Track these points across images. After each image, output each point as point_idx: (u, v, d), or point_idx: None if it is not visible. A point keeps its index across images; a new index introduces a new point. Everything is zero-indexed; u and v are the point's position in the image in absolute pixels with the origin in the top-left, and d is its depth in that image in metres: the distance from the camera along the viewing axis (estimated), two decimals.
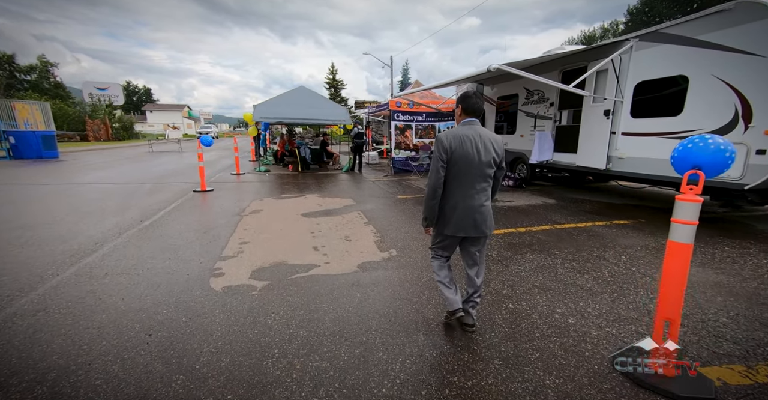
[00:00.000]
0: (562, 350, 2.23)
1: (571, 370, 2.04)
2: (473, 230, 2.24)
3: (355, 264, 3.70)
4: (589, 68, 6.05)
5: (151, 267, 3.55)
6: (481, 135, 2.19)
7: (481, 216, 2.23)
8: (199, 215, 5.78)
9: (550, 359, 2.14)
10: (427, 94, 12.84)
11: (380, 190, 8.45)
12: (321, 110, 11.78)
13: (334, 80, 50.72)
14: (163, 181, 9.20)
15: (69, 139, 29.34)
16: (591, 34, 42.85)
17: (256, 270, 3.52)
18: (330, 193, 7.88)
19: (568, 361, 2.12)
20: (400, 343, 2.31)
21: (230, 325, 2.51)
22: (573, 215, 5.64)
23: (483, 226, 2.24)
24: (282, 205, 6.64)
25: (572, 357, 2.16)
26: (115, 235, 4.60)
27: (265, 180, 9.90)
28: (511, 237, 4.59)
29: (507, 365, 2.09)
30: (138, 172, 11.28)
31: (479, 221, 2.23)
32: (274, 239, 4.52)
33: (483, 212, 2.23)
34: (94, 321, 2.53)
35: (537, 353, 2.19)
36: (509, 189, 8.19)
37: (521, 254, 3.97)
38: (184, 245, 4.25)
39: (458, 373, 2.02)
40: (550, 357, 2.16)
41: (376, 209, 6.30)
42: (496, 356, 2.18)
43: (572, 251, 4.01)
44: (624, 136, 5.57)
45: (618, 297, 2.92)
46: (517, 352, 2.21)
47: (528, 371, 2.03)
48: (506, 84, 8.87)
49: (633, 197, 7.15)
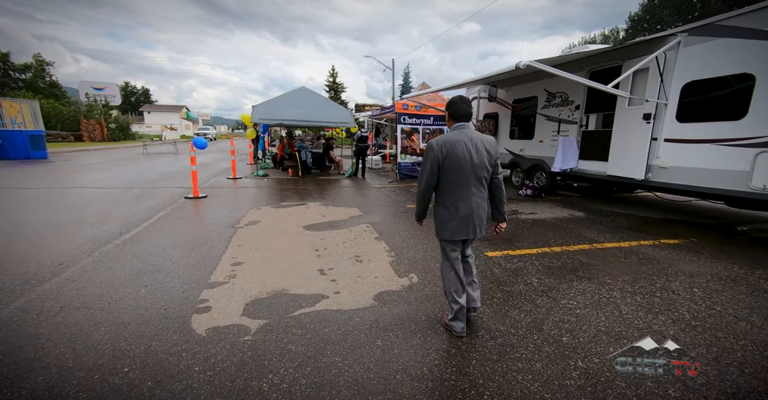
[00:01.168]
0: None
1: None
2: (472, 232, 2.33)
3: (371, 294, 3.06)
4: (624, 68, 5.47)
5: (121, 298, 2.89)
6: (473, 138, 2.21)
7: (480, 218, 2.32)
8: (188, 227, 5.12)
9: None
10: (435, 96, 12.27)
11: (387, 198, 7.82)
12: (323, 112, 11.17)
13: (334, 83, 50.24)
14: (153, 186, 8.53)
15: (63, 139, 28.62)
16: (591, 39, 42.60)
17: (251, 303, 2.87)
18: (334, 202, 7.23)
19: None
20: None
21: (211, 394, 1.85)
22: (610, 232, 5.01)
23: (480, 228, 2.34)
24: (282, 215, 5.99)
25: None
26: (87, 252, 3.93)
27: (263, 185, 9.25)
28: (547, 259, 3.95)
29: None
30: (128, 175, 10.60)
31: (477, 224, 2.32)
32: (272, 259, 3.87)
33: (480, 214, 2.31)
34: (24, 388, 1.87)
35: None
36: (528, 199, 7.57)
37: (567, 282, 3.33)
38: (166, 266, 3.59)
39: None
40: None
41: (386, 221, 5.66)
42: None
43: (628, 280, 3.37)
44: (668, 143, 4.97)
45: (720, 353, 2.25)
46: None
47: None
48: (523, 86, 8.29)
49: (670, 211, 6.48)
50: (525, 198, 7.68)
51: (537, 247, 4.39)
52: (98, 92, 40.96)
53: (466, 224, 2.28)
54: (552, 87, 7.30)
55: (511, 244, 4.54)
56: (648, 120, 5.12)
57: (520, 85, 8.37)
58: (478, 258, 4.00)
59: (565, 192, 8.39)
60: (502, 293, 3.09)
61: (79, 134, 30.59)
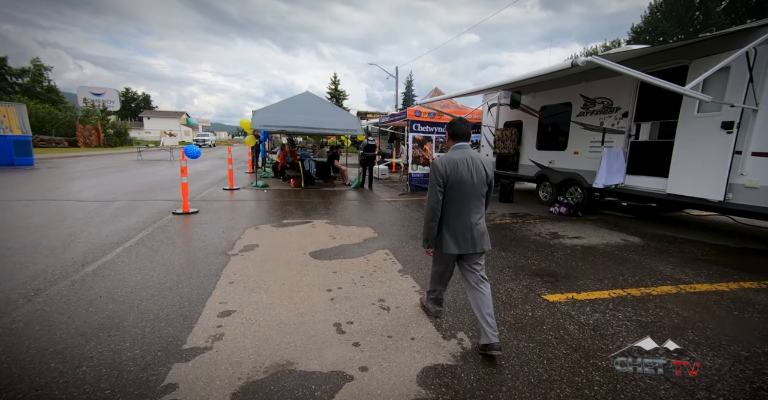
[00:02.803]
0: None
1: None
2: (472, 246, 2.36)
3: (412, 372, 2.14)
4: (692, 68, 4.63)
5: (45, 385, 1.95)
6: (473, 158, 2.33)
7: (479, 233, 2.37)
8: (170, 254, 4.20)
9: None
10: (449, 103, 11.47)
11: (401, 214, 6.92)
12: (329, 118, 10.32)
13: (336, 90, 49.78)
14: (139, 198, 7.63)
15: (57, 144, 27.78)
16: (593, 50, 42.27)
17: (240, 392, 1.94)
18: (342, 219, 6.33)
19: None
20: None
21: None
22: (688, 266, 4.10)
23: (481, 241, 2.38)
24: (284, 237, 5.08)
25: None
26: (27, 295, 3.01)
27: (262, 198, 8.35)
28: (630, 308, 3.04)
29: None
30: (114, 184, 9.70)
31: (476, 237, 2.36)
32: (273, 306, 2.95)
33: (480, 229, 2.38)
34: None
35: None
36: (563, 218, 6.67)
37: (679, 354, 2.40)
38: (129, 319, 2.66)
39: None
40: None
41: (406, 246, 4.76)
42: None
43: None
44: (757, 158, 4.10)
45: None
46: None
47: None
48: (554, 91, 7.47)
49: (741, 237, 5.47)
50: (559, 217, 6.78)
51: (607, 288, 3.47)
52: (97, 98, 40.27)
53: (465, 237, 2.35)
54: (591, 92, 6.47)
55: (570, 281, 3.63)
56: (729, 129, 4.26)
57: (550, 90, 7.55)
58: (534, 303, 3.09)
59: (608, 211, 7.46)
60: (599, 374, 2.16)
61: (74, 140, 29.77)
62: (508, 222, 6.36)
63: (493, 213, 7.07)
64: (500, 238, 5.27)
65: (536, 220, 6.54)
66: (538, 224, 6.23)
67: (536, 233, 5.59)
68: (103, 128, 33.09)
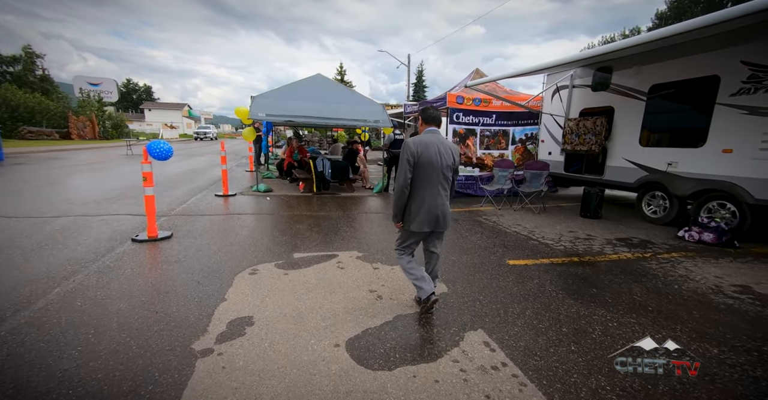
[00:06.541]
0: None
1: None
2: (436, 225, 2.57)
3: None
4: None
5: None
6: (442, 142, 2.53)
7: (443, 213, 2.56)
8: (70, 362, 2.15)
9: None
10: (496, 87, 9.26)
11: (463, 239, 4.83)
12: (347, 107, 8.10)
13: (342, 81, 47.32)
14: (97, 211, 5.61)
15: (47, 136, 25.88)
16: (611, 38, 39.27)
17: None
18: (380, 250, 4.26)
19: None
20: None
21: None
22: None
23: (443, 222, 2.59)
24: (295, 294, 3.02)
25: None
26: None
27: (264, 210, 6.29)
28: None
29: None
30: (77, 189, 7.69)
31: (440, 218, 2.56)
32: None
33: (444, 210, 2.56)
34: None
35: None
36: (706, 249, 4.51)
37: None
38: None
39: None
40: None
41: (511, 313, 2.68)
42: None
43: None
44: None
45: None
46: None
47: None
48: (680, 62, 5.24)
49: None
50: (700, 247, 4.62)
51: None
52: (94, 88, 38.23)
53: (431, 217, 2.52)
54: (762, 57, 4.28)
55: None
56: None
57: (671, 60, 5.33)
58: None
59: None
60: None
61: (66, 132, 27.87)
62: (629, 257, 4.22)
63: (591, 238, 4.94)
64: (645, 297, 3.15)
65: (671, 254, 4.37)
66: (684, 262, 4.08)
67: (706, 284, 3.45)
68: (99, 120, 31.17)
